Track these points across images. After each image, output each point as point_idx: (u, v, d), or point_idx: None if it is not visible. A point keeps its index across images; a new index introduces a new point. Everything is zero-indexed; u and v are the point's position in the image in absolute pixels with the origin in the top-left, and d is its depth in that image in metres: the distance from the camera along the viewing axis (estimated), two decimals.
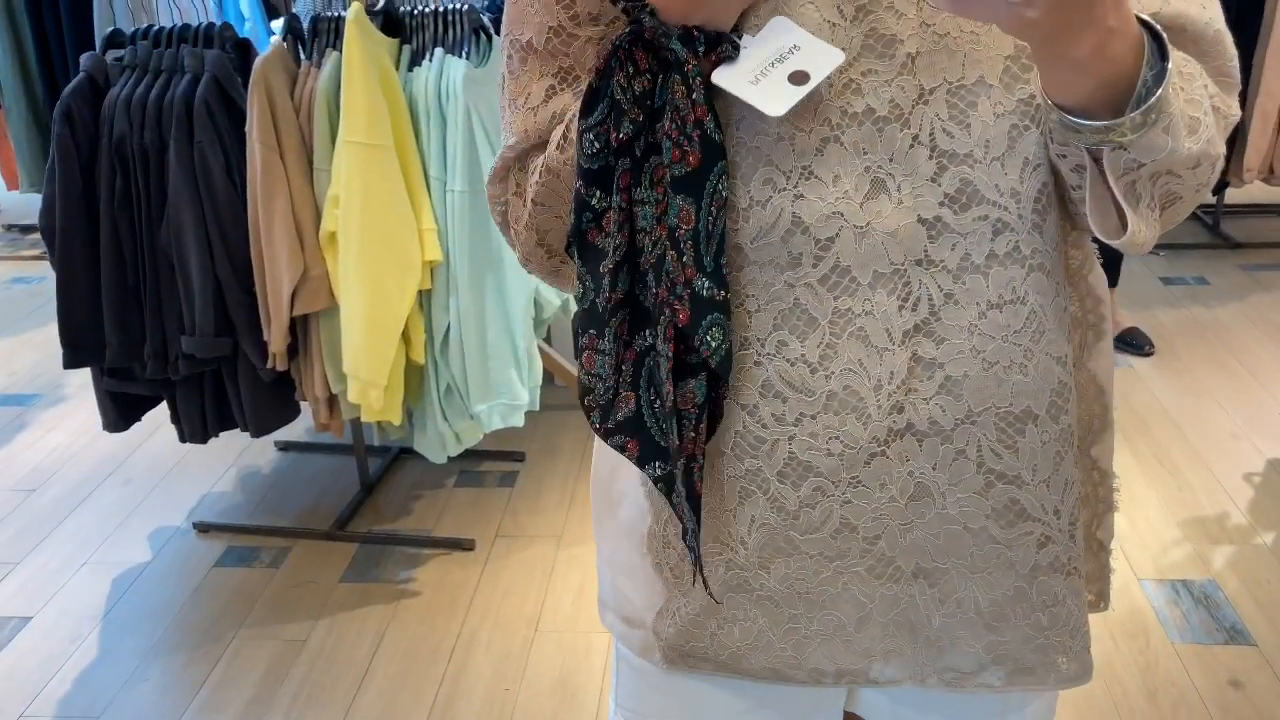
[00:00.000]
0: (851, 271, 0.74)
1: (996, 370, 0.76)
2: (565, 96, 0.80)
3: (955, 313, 0.75)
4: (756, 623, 0.84)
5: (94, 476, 2.81)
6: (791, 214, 0.74)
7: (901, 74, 0.72)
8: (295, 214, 2.15)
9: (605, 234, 0.76)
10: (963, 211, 0.74)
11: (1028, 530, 0.80)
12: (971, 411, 0.76)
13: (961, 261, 0.74)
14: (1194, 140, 0.69)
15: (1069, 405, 0.79)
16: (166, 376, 2.26)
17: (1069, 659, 0.85)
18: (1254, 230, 4.21)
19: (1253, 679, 2.00)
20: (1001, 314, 0.75)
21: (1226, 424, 2.87)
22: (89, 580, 2.39)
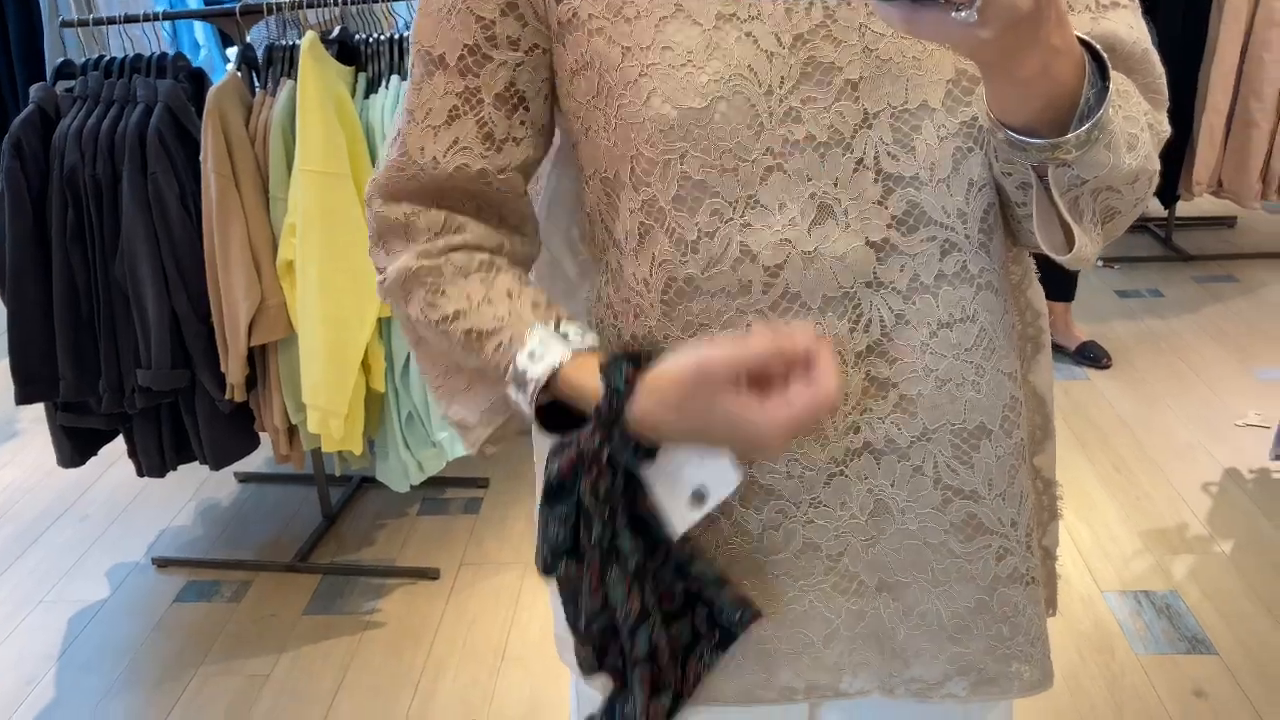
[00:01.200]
0: (801, 297, 0.75)
1: (949, 388, 0.77)
2: (468, 122, 0.79)
3: (906, 333, 0.76)
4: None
5: (49, 512, 2.76)
6: (739, 243, 0.74)
7: (840, 99, 0.72)
8: (252, 243, 2.13)
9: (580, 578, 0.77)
10: (910, 233, 0.75)
11: (986, 543, 0.81)
12: (927, 429, 0.77)
13: (911, 282, 0.75)
14: (1133, 156, 0.71)
15: (1020, 419, 0.81)
16: (123, 410, 2.23)
17: (1030, 667, 0.86)
18: (1205, 243, 4.28)
19: (1215, 688, 2.01)
20: (952, 332, 0.76)
21: (1183, 434, 2.91)
22: (45, 619, 2.34)
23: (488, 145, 0.80)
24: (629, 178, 0.76)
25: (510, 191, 0.83)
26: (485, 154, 0.80)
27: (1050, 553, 0.94)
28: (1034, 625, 0.85)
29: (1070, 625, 2.18)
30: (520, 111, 0.80)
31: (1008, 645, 0.84)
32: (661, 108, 0.72)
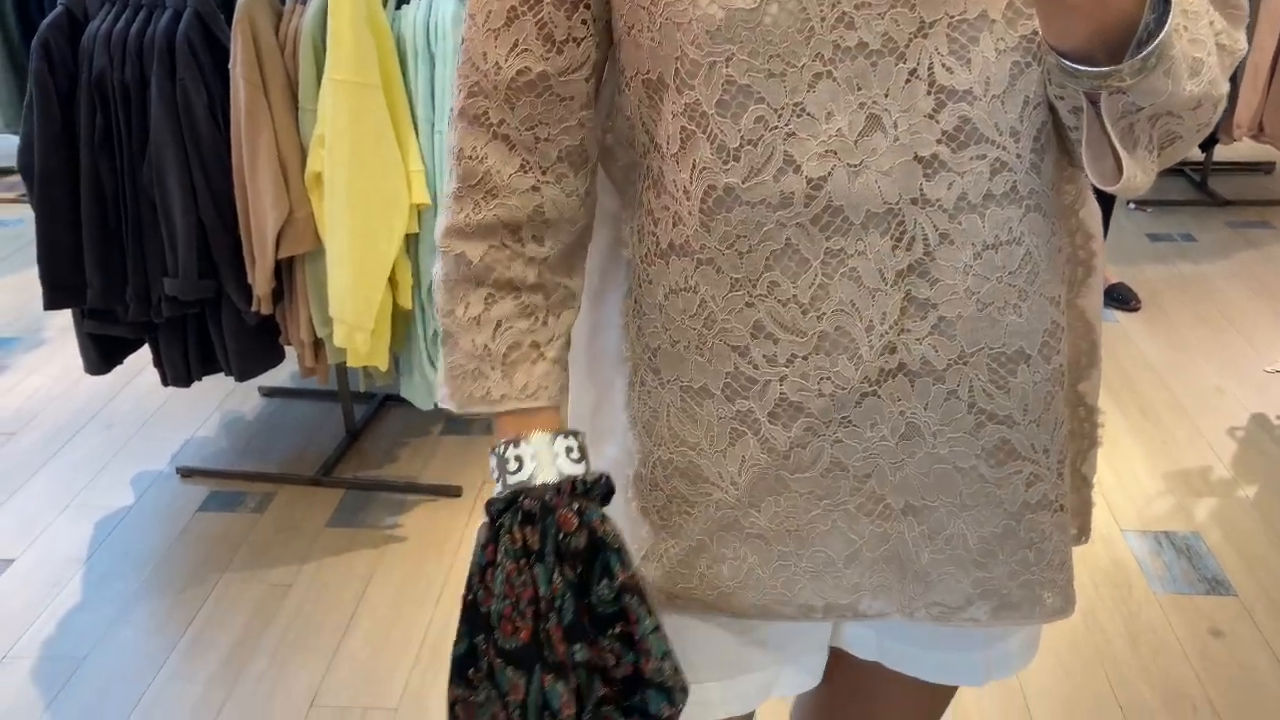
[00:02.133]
0: (844, 211, 0.73)
1: (991, 311, 0.75)
2: (527, 23, 0.77)
3: (950, 253, 0.73)
4: (746, 561, 0.83)
5: (75, 420, 2.78)
6: (783, 153, 0.72)
7: (896, 6, 0.69)
8: (280, 153, 2.11)
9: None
10: (960, 150, 0.72)
11: (1017, 469, 0.80)
12: (964, 352, 0.76)
13: (958, 201, 0.73)
14: (1195, 82, 0.68)
15: (1061, 345, 0.79)
16: (149, 319, 2.23)
17: (1054, 594, 0.85)
18: (1242, 188, 4.21)
19: (1233, 628, 2.02)
20: (997, 255, 0.74)
21: (1211, 378, 2.88)
22: (71, 524, 2.38)
23: (548, 47, 0.77)
24: (672, 80, 0.74)
25: (573, 99, 0.80)
26: (546, 55, 0.78)
27: (1088, 480, 0.93)
28: (1059, 552, 0.84)
29: (1089, 562, 2.18)
30: (580, 10, 0.78)
31: (1032, 571, 0.83)
32: (709, 8, 0.70)
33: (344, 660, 1.98)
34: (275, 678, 1.94)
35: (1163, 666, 1.93)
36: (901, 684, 0.96)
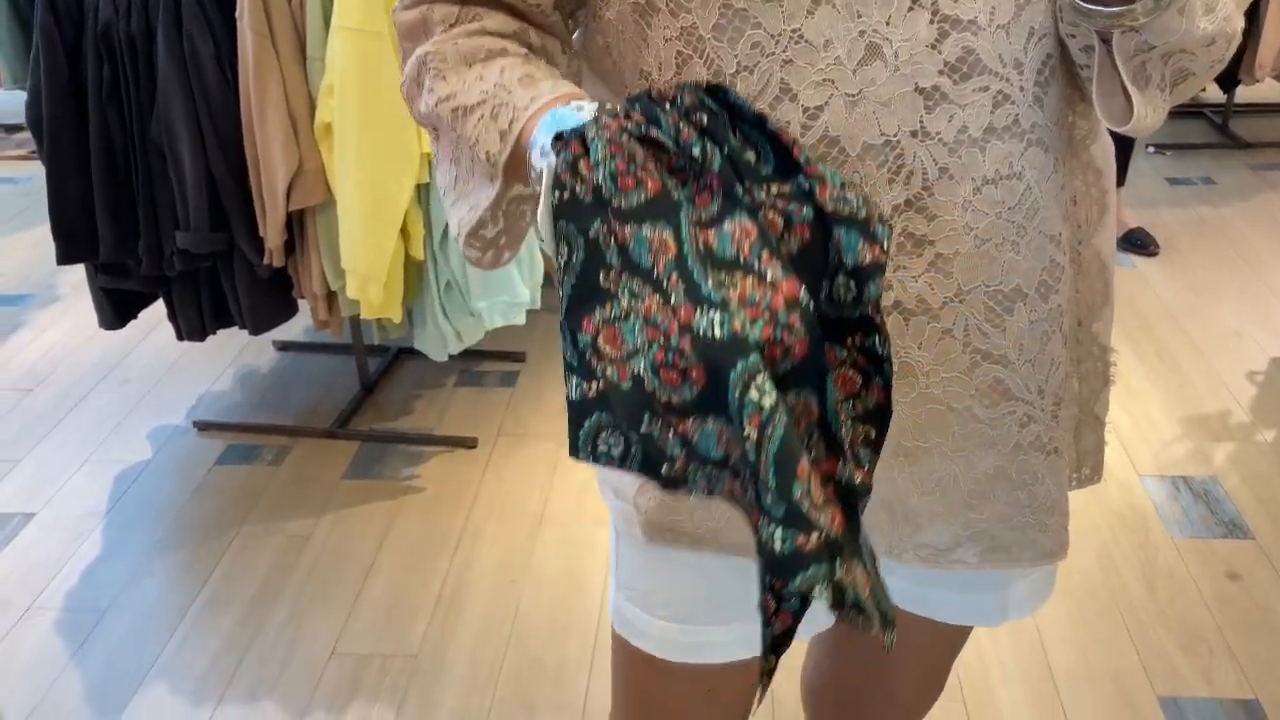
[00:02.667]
0: (840, 142, 0.71)
1: (988, 247, 0.73)
2: None
3: (949, 188, 0.72)
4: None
5: (91, 375, 2.80)
6: (780, 80, 0.70)
7: None
8: (289, 104, 2.09)
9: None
10: (963, 81, 0.70)
11: (1010, 409, 0.79)
12: (961, 290, 0.74)
13: (958, 134, 0.71)
14: (1210, 20, 0.66)
15: (1060, 285, 0.78)
16: (162, 272, 2.22)
17: (1045, 536, 0.85)
18: (1263, 130, 4.15)
19: (1250, 571, 2.02)
20: (996, 190, 0.72)
21: (1230, 322, 2.86)
22: (90, 478, 2.39)
23: None
24: (665, 3, 0.71)
25: (538, 5, 0.76)
26: None
27: (1100, 419, 0.92)
28: (1052, 495, 0.83)
29: (1105, 507, 2.18)
30: None
31: (1024, 513, 0.83)
32: None
33: (364, 609, 1.99)
34: (296, 627, 1.96)
35: (1179, 610, 1.93)
36: (917, 625, 0.96)
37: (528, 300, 2.34)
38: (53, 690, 1.83)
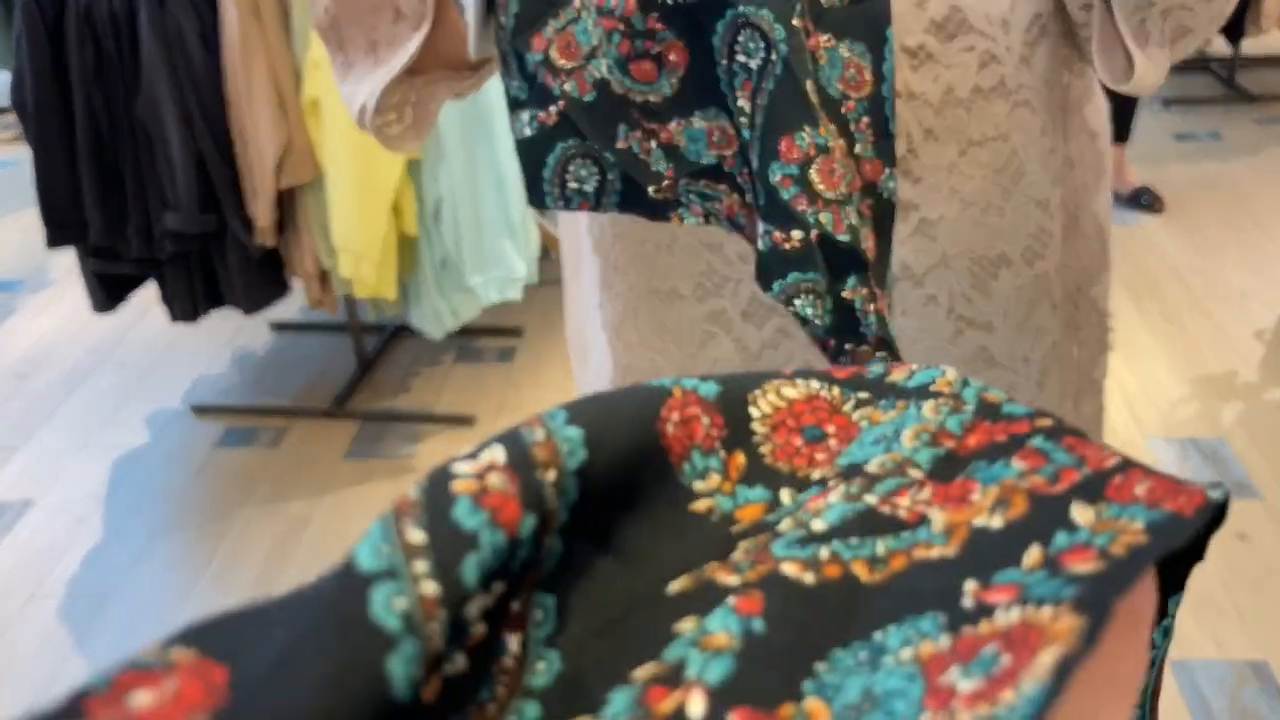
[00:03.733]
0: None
1: (974, 211, 0.71)
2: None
3: (934, 150, 0.69)
4: None
5: (86, 361, 2.78)
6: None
7: None
8: (277, 80, 2.06)
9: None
10: (949, 41, 0.67)
11: (995, 377, 0.77)
12: (946, 255, 0.72)
13: (944, 95, 0.68)
14: None
15: (1047, 251, 0.75)
16: (153, 255, 2.20)
17: None
18: (1270, 83, 4.08)
19: (1259, 531, 1.99)
20: (983, 151, 0.70)
21: (1237, 281, 2.82)
22: (89, 464, 2.38)
23: None
24: None
25: None
26: None
27: (1099, 384, 0.90)
28: None
29: None
30: None
31: None
32: None
33: None
34: None
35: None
36: None
37: (524, 275, 2.31)
38: (56, 677, 1.82)
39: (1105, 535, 0.28)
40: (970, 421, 0.35)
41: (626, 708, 0.27)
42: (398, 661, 0.24)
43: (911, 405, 0.35)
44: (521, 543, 0.28)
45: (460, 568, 0.26)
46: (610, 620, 0.30)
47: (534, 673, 0.28)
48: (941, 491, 0.32)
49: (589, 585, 0.30)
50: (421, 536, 0.26)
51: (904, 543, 0.31)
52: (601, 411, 0.31)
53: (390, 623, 0.24)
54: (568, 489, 0.30)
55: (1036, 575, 0.28)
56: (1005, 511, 0.30)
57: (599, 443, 0.31)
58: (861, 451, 0.34)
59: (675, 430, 0.33)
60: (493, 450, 0.29)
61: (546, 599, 0.30)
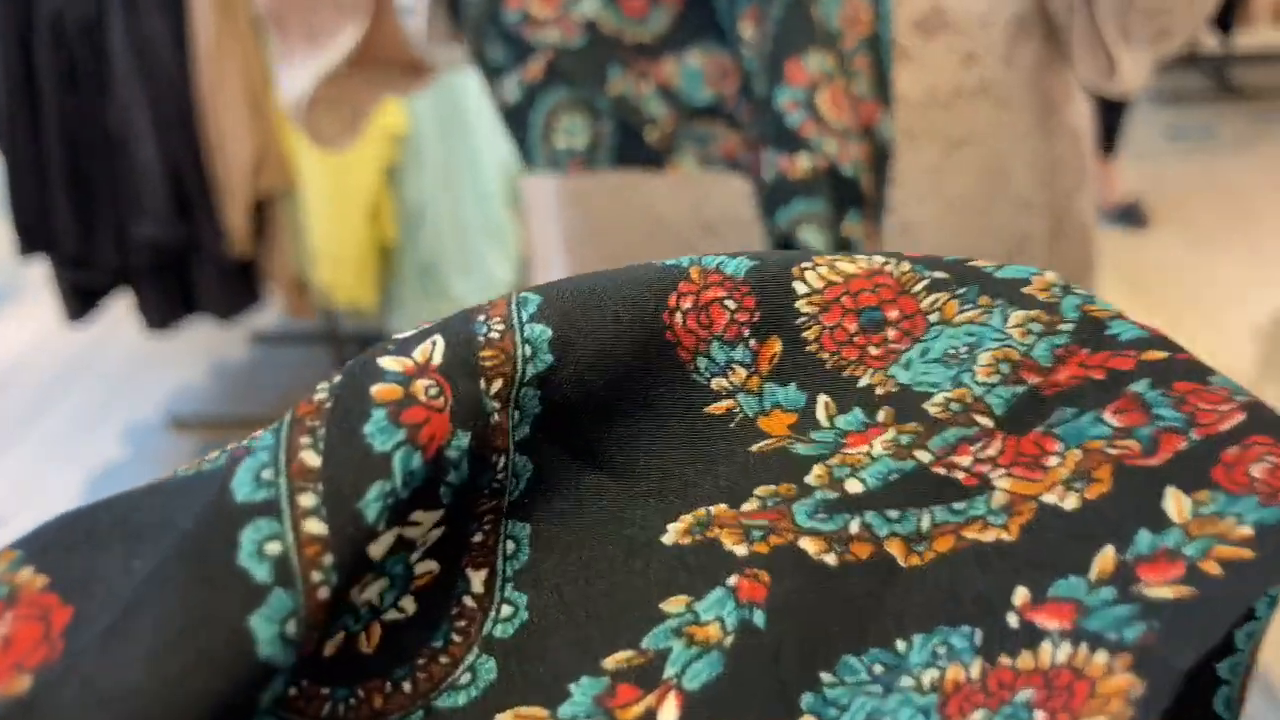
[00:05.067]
0: None
1: (956, 214, 0.70)
2: None
3: (915, 152, 0.67)
4: None
5: (63, 374, 2.73)
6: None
7: None
8: (251, 83, 2.02)
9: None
10: (929, 40, 0.65)
11: None
12: None
13: (925, 96, 0.66)
14: None
15: (1031, 254, 0.73)
16: (126, 264, 2.16)
17: None
18: (1264, 79, 4.05)
19: None
20: (965, 152, 0.68)
21: (1233, 279, 2.78)
22: (66, 478, 2.33)
23: None
24: None
25: None
26: None
27: None
28: None
29: None
30: None
31: None
32: None
33: None
34: None
35: None
36: None
37: (507, 279, 2.27)
38: None
39: (1200, 541, 0.21)
40: (1065, 346, 0.27)
41: (587, 709, 0.22)
42: (263, 619, 0.20)
43: (998, 308, 0.27)
44: (449, 464, 0.23)
45: (360, 502, 0.21)
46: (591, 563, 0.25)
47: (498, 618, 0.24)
48: (1013, 447, 0.25)
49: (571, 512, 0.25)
50: (316, 460, 0.21)
51: (956, 516, 0.25)
52: (583, 303, 0.26)
53: (258, 572, 0.20)
54: (525, 401, 0.25)
55: (1101, 594, 0.21)
56: (1085, 488, 0.23)
57: (571, 344, 0.25)
58: (924, 366, 0.27)
59: (688, 319, 0.27)
60: (431, 344, 0.24)
61: (519, 528, 0.25)
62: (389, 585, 0.23)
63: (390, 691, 0.22)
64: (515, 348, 0.25)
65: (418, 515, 0.23)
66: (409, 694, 0.22)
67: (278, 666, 0.20)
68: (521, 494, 0.25)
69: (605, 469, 0.26)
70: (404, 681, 0.22)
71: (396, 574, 0.23)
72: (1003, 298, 0.28)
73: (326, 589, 0.21)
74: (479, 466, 0.24)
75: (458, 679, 0.23)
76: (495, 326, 0.25)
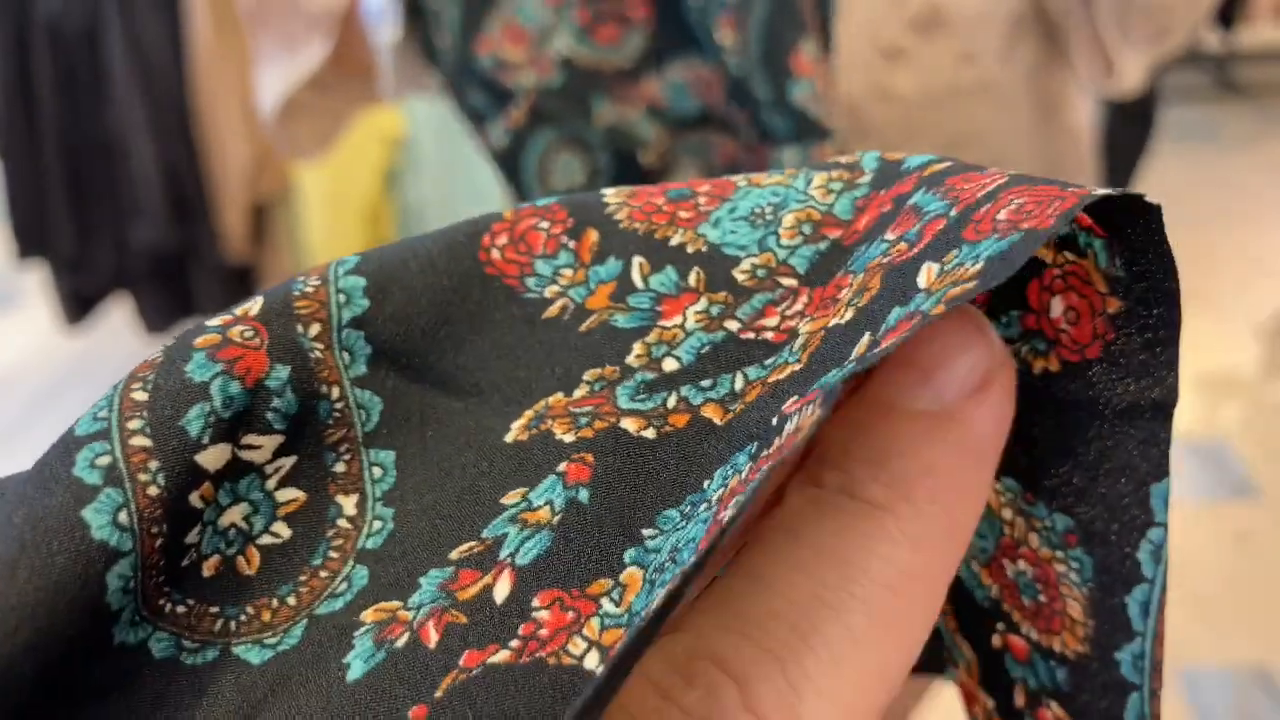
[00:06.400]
0: None
1: None
2: None
3: (913, 151, 0.65)
4: None
5: (61, 380, 2.74)
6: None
7: None
8: (247, 89, 2.02)
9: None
10: (926, 40, 0.65)
11: None
12: None
13: (923, 95, 0.66)
14: None
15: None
16: (124, 267, 2.16)
17: None
18: (1267, 76, 4.04)
19: (1261, 531, 1.94)
20: (963, 152, 0.67)
21: (1236, 278, 2.77)
22: None
23: None
24: None
25: None
26: None
27: None
28: None
29: None
30: None
31: None
32: None
33: None
34: None
35: (1188, 572, 1.86)
36: None
37: None
38: None
39: (937, 294, 0.21)
40: (865, 197, 0.27)
41: (431, 595, 0.24)
42: (94, 510, 0.22)
43: (802, 173, 0.28)
44: (271, 393, 0.25)
45: (182, 420, 0.23)
46: (449, 471, 0.26)
47: (369, 533, 0.26)
48: (818, 297, 0.26)
49: (427, 432, 0.27)
50: (144, 396, 0.24)
51: (766, 370, 0.25)
52: (399, 256, 0.27)
53: (90, 478, 0.22)
54: (350, 342, 0.26)
55: (846, 369, 0.22)
56: (860, 300, 0.24)
57: (385, 289, 0.26)
58: (732, 225, 0.28)
59: (505, 253, 0.28)
60: (251, 302, 0.25)
61: (384, 455, 0.27)
62: (252, 510, 0.25)
63: (276, 606, 0.24)
64: (330, 297, 0.26)
65: (252, 439, 0.25)
66: (294, 606, 0.24)
67: (115, 549, 0.22)
68: (378, 425, 0.27)
69: (456, 393, 0.27)
70: (289, 596, 0.24)
71: (257, 499, 0.25)
72: (808, 166, 0.29)
73: (155, 488, 0.23)
74: (311, 399, 0.26)
75: (335, 588, 0.25)
76: (311, 282, 0.26)
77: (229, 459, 0.24)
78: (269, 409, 0.25)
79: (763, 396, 0.25)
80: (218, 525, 0.24)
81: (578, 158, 0.51)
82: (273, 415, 0.25)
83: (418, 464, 0.26)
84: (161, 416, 0.23)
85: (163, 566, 0.23)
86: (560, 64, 0.49)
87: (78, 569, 0.21)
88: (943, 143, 0.68)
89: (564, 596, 0.23)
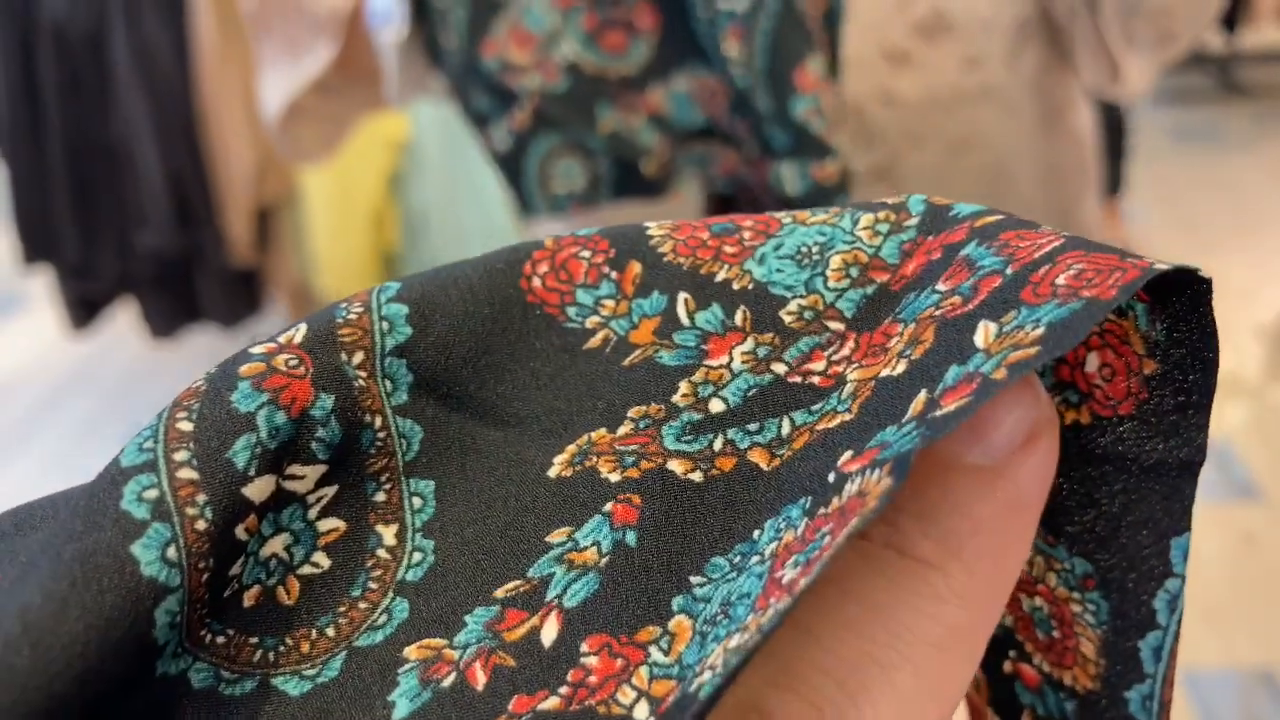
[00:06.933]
0: None
1: None
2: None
3: (918, 155, 0.67)
4: None
5: (66, 385, 2.74)
6: None
7: None
8: (252, 91, 2.03)
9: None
10: (931, 44, 0.65)
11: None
12: None
13: (926, 100, 0.66)
14: None
15: None
16: (129, 273, 2.16)
17: None
18: (1270, 77, 4.04)
19: (1266, 533, 1.94)
20: (967, 155, 0.68)
21: (1237, 279, 2.76)
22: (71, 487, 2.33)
23: None
24: None
25: None
26: None
27: None
28: None
29: None
30: None
31: None
32: None
33: None
34: None
35: (1192, 574, 1.86)
36: None
37: None
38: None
39: (997, 356, 0.21)
40: (913, 240, 0.27)
41: (478, 634, 0.24)
42: (143, 546, 0.22)
43: (848, 213, 0.28)
44: (316, 422, 0.25)
45: (229, 452, 0.23)
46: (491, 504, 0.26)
47: (410, 564, 0.25)
48: (865, 343, 0.26)
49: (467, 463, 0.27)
50: (189, 426, 0.23)
51: (814, 416, 0.25)
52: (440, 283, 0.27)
53: (138, 512, 0.22)
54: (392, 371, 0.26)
55: (905, 429, 0.21)
56: (913, 352, 0.24)
57: (427, 317, 0.26)
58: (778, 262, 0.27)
59: (546, 280, 0.27)
60: (295, 329, 0.25)
61: (424, 485, 0.26)
62: (293, 540, 0.24)
63: (315, 637, 0.24)
64: (373, 324, 0.26)
65: (296, 469, 0.24)
66: (332, 637, 0.24)
67: (164, 585, 0.22)
68: (418, 455, 0.26)
69: (496, 423, 0.27)
70: (328, 627, 0.24)
71: (298, 529, 0.25)
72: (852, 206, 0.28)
73: (203, 522, 0.22)
74: (354, 428, 0.25)
75: (375, 620, 0.25)
76: (355, 309, 0.26)
77: (274, 490, 0.24)
78: (314, 439, 0.25)
79: (811, 445, 0.24)
80: (259, 555, 0.24)
81: (579, 163, 0.51)
82: (317, 445, 0.25)
83: (458, 495, 0.26)
84: (208, 449, 0.23)
85: (206, 600, 0.23)
86: (565, 69, 0.50)
87: (127, 606, 0.21)
88: (946, 146, 0.68)
89: (612, 642, 0.23)
